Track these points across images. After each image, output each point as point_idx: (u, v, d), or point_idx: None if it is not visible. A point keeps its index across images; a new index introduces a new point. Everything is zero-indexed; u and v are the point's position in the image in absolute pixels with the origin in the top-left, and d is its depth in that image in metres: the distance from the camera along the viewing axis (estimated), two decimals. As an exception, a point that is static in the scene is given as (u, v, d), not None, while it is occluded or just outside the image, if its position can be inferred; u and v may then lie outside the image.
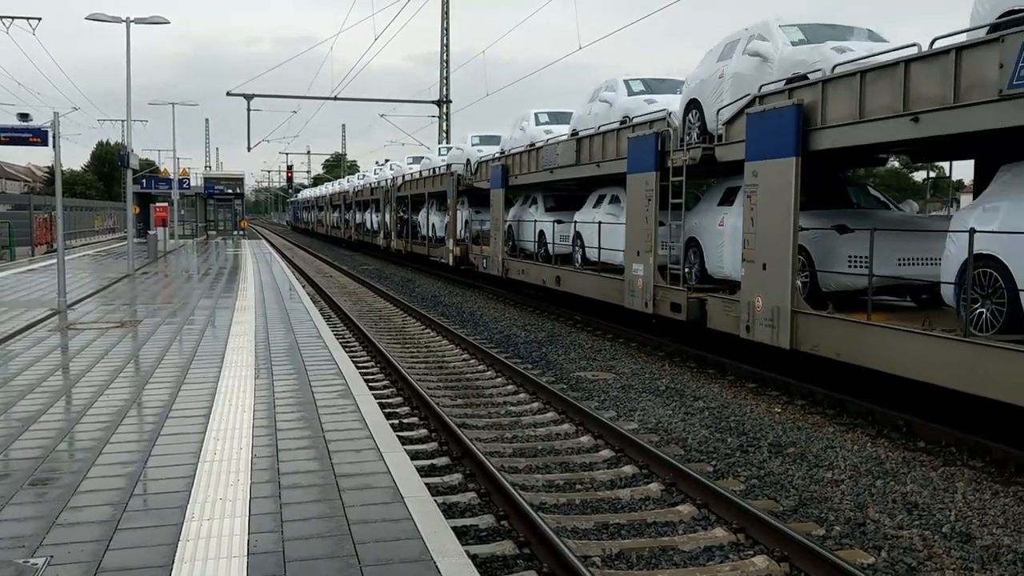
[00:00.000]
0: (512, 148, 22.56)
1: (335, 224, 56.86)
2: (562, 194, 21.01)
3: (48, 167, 74.74)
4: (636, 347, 14.70)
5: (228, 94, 42.92)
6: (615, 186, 16.89)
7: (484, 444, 8.61)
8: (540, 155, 19.98)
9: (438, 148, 36.49)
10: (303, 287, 21.19)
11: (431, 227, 31.28)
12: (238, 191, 57.36)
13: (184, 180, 47.23)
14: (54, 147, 15.38)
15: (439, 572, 4.31)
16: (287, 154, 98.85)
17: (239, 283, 20.64)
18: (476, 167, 25.81)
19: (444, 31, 46.44)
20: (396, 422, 9.28)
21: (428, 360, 13.67)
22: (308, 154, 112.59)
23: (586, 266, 17.89)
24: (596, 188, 18.48)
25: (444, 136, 46.26)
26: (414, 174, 34.59)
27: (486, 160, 24.71)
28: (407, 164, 38.10)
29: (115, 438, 6.71)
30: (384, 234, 38.49)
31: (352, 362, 10.38)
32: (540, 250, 20.59)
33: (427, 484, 5.90)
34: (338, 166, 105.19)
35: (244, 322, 13.50)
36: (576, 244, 18.60)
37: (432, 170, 31.69)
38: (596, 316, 17.05)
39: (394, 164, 41.64)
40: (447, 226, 27.62)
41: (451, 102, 46.92)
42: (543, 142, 20.10)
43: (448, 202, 27.46)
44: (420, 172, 33.81)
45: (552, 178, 19.38)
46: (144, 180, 41.45)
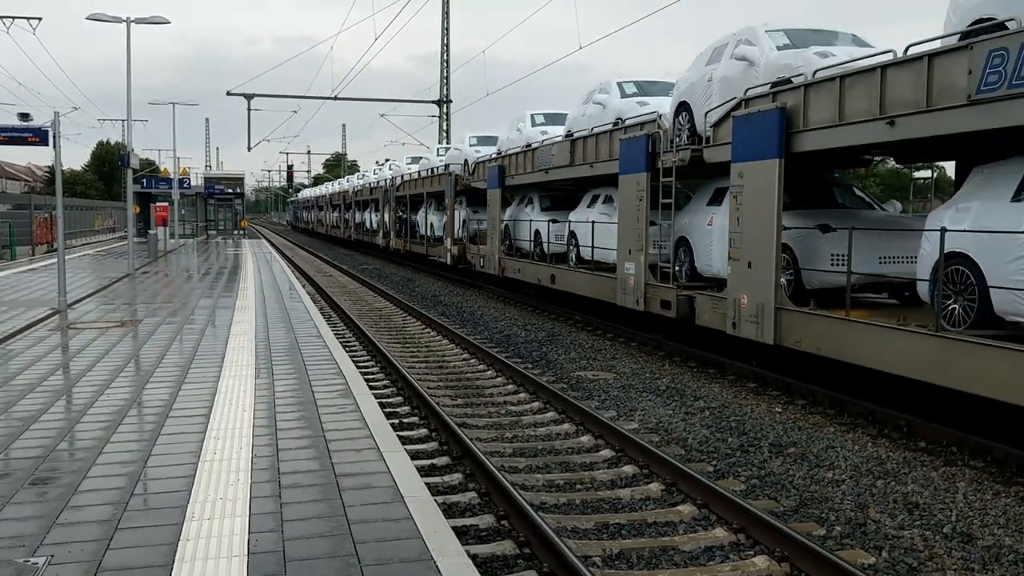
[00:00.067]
0: (509, 149, 22.65)
1: (335, 224, 56.88)
2: (557, 194, 21.17)
3: (48, 167, 74.75)
4: (636, 347, 14.70)
5: (228, 94, 42.98)
6: (608, 186, 17.02)
7: (484, 444, 8.60)
8: (536, 156, 20.11)
9: (436, 148, 36.50)
10: (303, 286, 21.19)
11: (429, 227, 31.32)
12: (238, 191, 57.30)
13: (184, 180, 47.13)
14: (54, 147, 15.38)
15: (439, 572, 4.31)
16: (287, 154, 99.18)
17: (239, 282, 20.64)
18: (474, 167, 25.89)
19: (444, 31, 46.47)
20: (396, 422, 9.28)
21: (428, 360, 13.67)
22: (308, 154, 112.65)
23: (580, 265, 18.01)
24: (590, 188, 18.66)
25: (444, 136, 46.26)
26: (413, 174, 34.65)
27: (483, 160, 24.79)
28: (406, 164, 38.16)
29: (115, 438, 6.71)
30: (383, 233, 38.52)
31: (352, 362, 10.38)
32: (536, 249, 20.68)
33: (427, 484, 5.90)
34: (338, 166, 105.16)
35: (244, 321, 13.50)
36: (570, 243, 18.76)
37: (430, 170, 31.75)
38: (596, 316, 17.06)
39: (394, 164, 41.67)
40: (445, 225, 27.66)
41: (451, 102, 46.97)
42: (539, 143, 20.24)
43: (446, 202, 27.50)
44: (419, 172, 33.87)
45: (547, 178, 19.53)
46: (144, 180, 41.37)
